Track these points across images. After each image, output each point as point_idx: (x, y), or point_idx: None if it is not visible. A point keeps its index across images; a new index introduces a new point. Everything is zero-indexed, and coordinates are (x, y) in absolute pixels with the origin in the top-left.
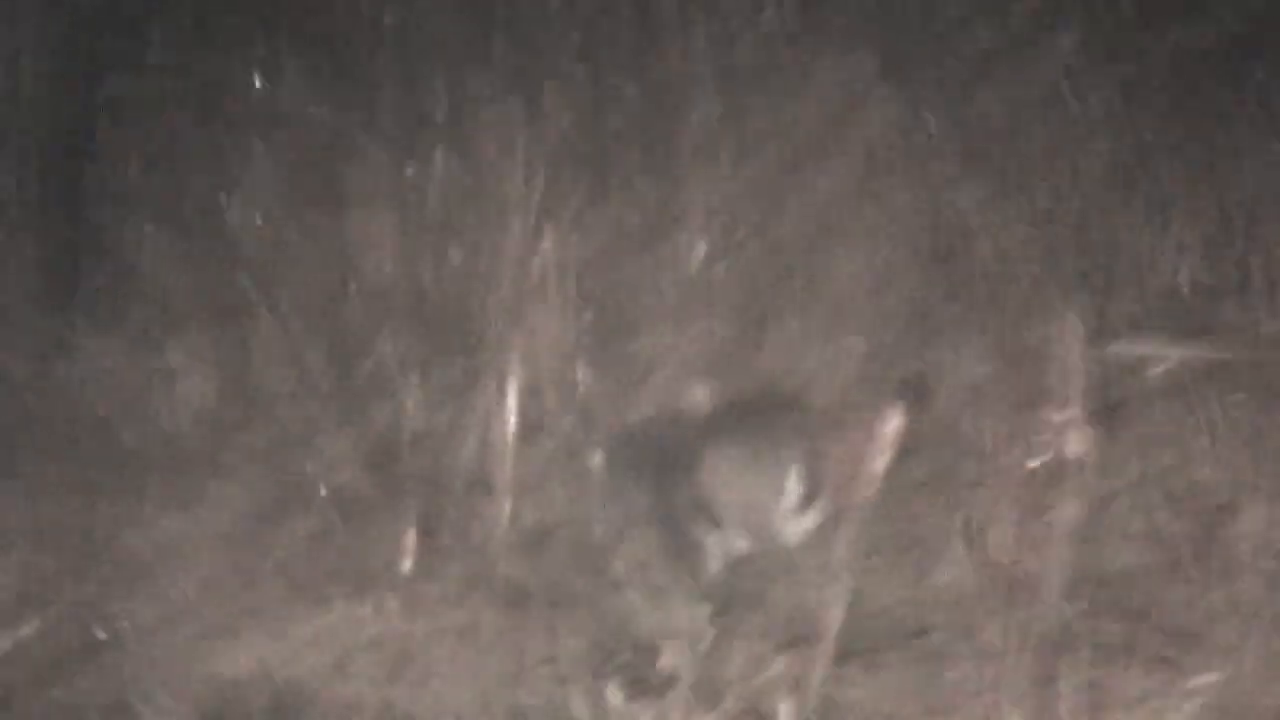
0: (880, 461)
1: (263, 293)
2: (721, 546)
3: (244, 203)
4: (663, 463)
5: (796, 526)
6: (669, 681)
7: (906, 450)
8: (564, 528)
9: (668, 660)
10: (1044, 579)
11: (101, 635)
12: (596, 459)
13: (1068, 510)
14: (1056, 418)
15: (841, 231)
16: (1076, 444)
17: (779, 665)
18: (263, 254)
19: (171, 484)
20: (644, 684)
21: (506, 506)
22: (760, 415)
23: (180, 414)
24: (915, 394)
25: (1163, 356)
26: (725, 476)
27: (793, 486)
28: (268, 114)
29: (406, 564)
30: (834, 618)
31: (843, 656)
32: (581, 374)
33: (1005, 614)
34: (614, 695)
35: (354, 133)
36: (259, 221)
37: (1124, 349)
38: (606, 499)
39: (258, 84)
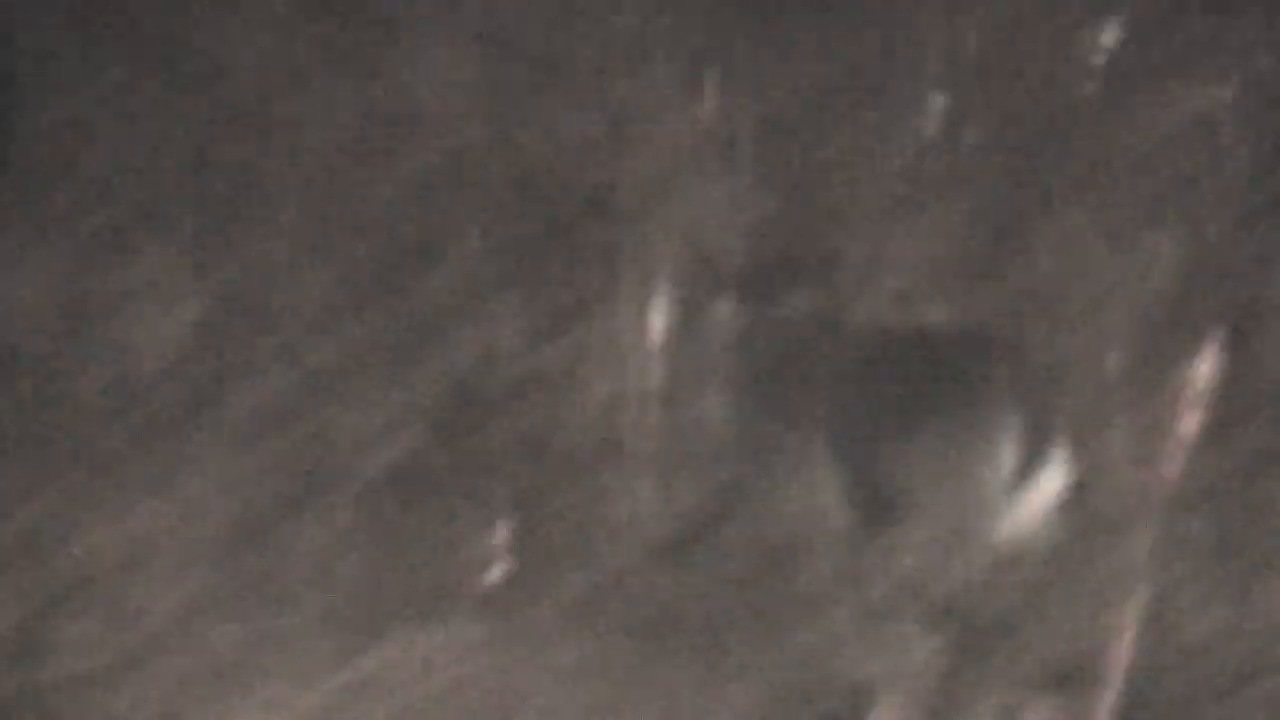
0: (1190, 422)
1: (272, 164)
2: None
3: (238, 29)
4: (859, 424)
5: (1016, 510)
6: None
7: (1231, 408)
8: (733, 518)
9: (886, 714)
10: None
11: (41, 677)
12: (775, 414)
13: None
14: None
15: (1150, 84)
16: None
17: (1040, 719)
18: (271, 104)
19: (140, 461)
20: None
21: (648, 487)
22: (994, 354)
23: (151, 355)
24: (1243, 326)
25: None
26: (923, 444)
27: (1007, 451)
28: None
29: (496, 574)
30: (1122, 653)
31: (1134, 707)
32: (760, 291)
33: None
34: None
35: None
36: (261, 58)
37: None
38: (788, 473)
39: None
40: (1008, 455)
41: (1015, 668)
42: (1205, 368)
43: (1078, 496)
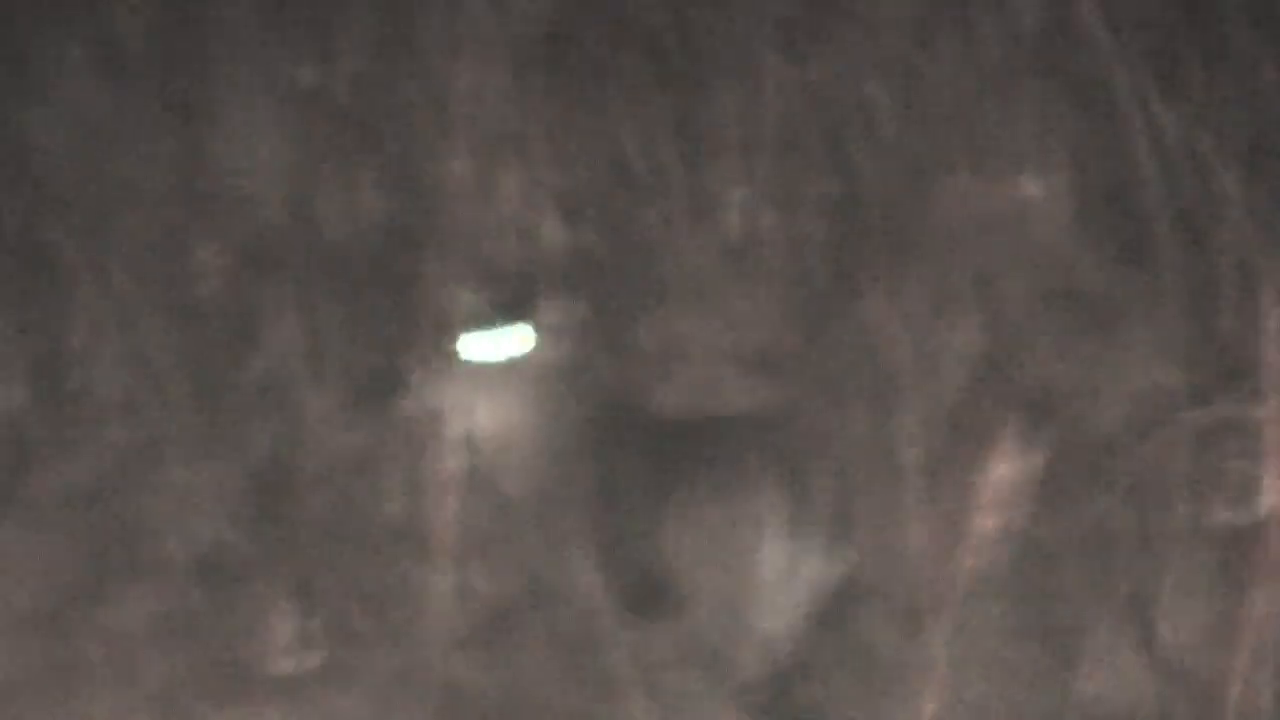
0: (1017, 506)
1: (82, 247)
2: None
3: (53, 113)
4: (648, 510)
5: (806, 597)
6: None
7: (1041, 491)
8: (537, 604)
9: None
10: (1238, 694)
11: None
12: (569, 502)
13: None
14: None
15: (959, 173)
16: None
17: None
18: (82, 188)
19: None
20: None
21: (449, 572)
22: (783, 443)
23: None
24: (1044, 406)
25: None
26: (708, 531)
27: (793, 540)
28: None
29: (299, 660)
30: None
31: None
32: (557, 381)
33: None
34: None
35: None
36: (75, 140)
37: None
38: (580, 560)
39: None
40: (800, 541)
41: None
42: (1003, 460)
43: (871, 585)
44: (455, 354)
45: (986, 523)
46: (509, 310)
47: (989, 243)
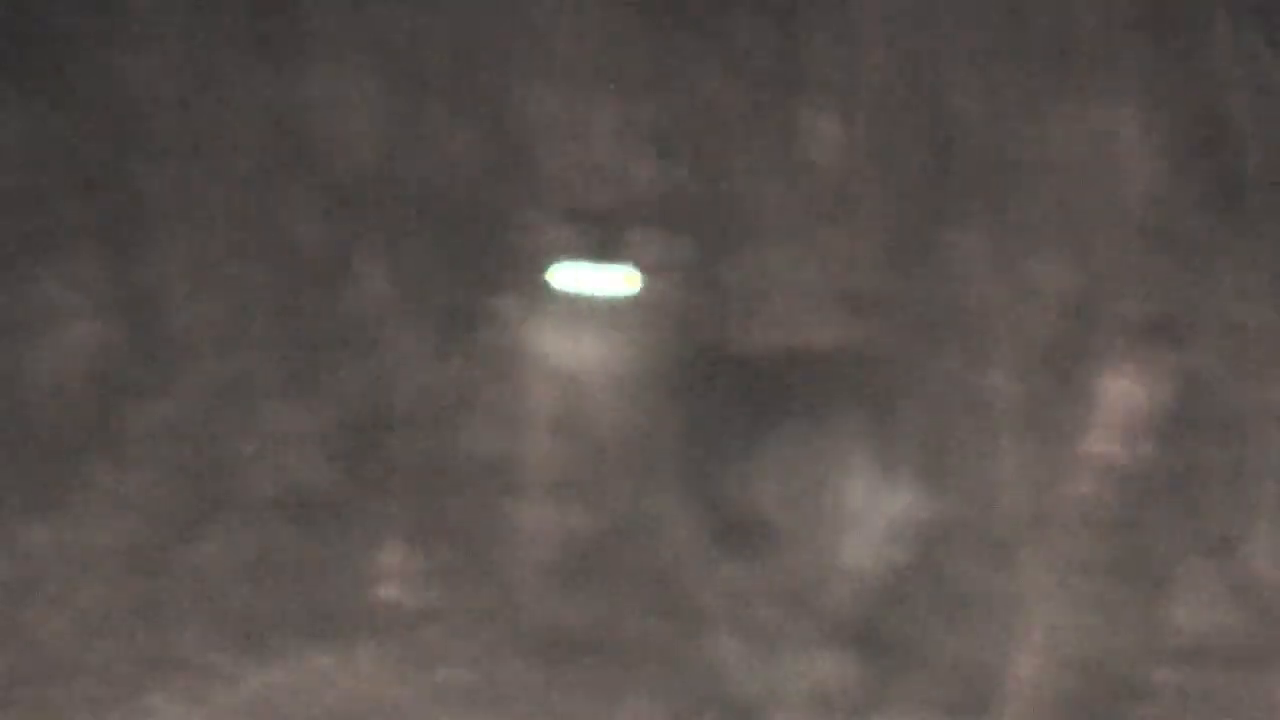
0: (1110, 441)
1: (175, 188)
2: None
3: (129, 50)
4: (742, 447)
5: (899, 530)
6: None
7: (1132, 427)
8: (627, 540)
9: None
10: None
11: None
12: (661, 438)
13: None
14: None
15: (1063, 101)
16: None
17: None
18: (175, 130)
19: (31, 483)
20: None
21: (541, 509)
22: (878, 377)
23: (43, 379)
24: (1135, 342)
25: None
26: (802, 466)
27: (889, 473)
28: None
29: (389, 593)
30: (1023, 671)
31: None
32: (651, 316)
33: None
34: None
35: None
36: (168, 82)
37: None
38: (673, 495)
39: None
40: (889, 477)
41: (919, 686)
42: (1093, 395)
43: (961, 520)
44: (546, 292)
45: (1076, 457)
46: (600, 248)
47: (1081, 182)
